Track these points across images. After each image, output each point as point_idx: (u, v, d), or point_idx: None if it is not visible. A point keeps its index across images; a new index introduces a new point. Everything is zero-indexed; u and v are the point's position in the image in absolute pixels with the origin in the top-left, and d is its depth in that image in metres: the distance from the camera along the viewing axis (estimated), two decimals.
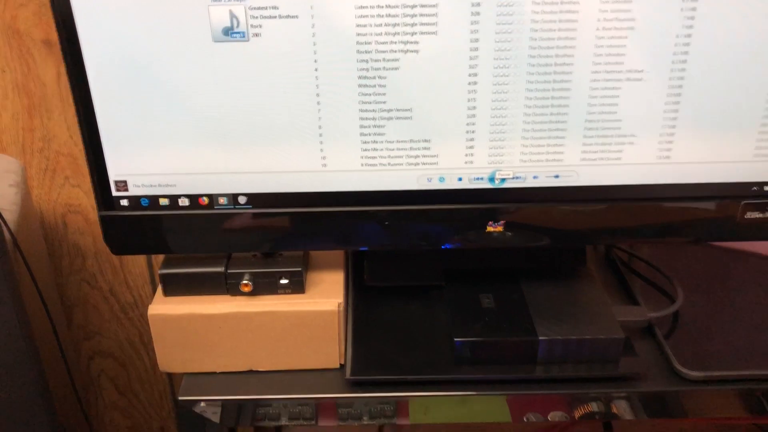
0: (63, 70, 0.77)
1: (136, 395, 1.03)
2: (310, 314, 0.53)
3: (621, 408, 0.55)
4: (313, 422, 0.55)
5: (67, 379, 0.97)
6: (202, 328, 0.53)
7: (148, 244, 0.53)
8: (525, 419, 0.56)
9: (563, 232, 0.54)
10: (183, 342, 0.54)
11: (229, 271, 0.53)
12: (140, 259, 0.92)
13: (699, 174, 0.52)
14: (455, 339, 0.53)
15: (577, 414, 0.56)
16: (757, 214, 0.53)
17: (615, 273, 0.67)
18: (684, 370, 0.54)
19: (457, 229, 0.54)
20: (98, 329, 0.97)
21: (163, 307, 0.53)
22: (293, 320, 0.54)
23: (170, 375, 1.01)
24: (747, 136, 0.51)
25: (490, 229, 0.54)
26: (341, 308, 0.54)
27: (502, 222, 0.53)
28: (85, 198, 0.87)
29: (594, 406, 0.55)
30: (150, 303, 0.95)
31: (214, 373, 0.56)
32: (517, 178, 0.52)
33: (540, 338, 0.53)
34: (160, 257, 0.92)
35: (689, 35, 0.47)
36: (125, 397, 1.03)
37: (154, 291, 0.95)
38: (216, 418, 0.55)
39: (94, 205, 0.87)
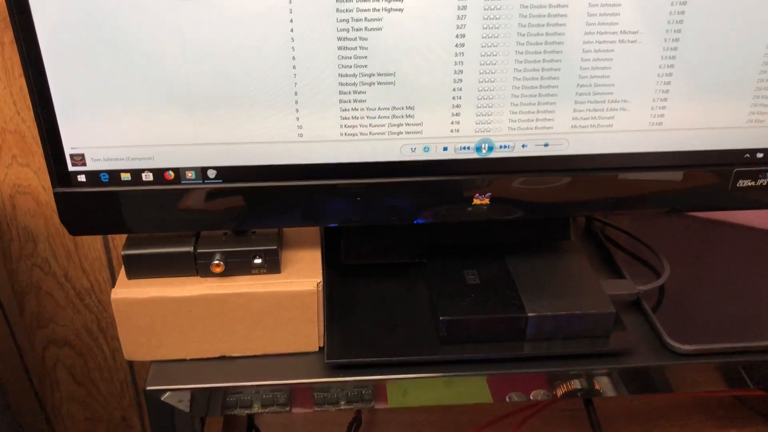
0: (7, 39, 0.72)
1: (95, 385, 0.98)
2: (287, 295, 0.50)
3: (604, 384, 0.54)
4: (288, 409, 0.52)
5: (21, 370, 0.92)
6: (171, 312, 0.50)
7: (109, 223, 0.49)
8: (507, 399, 0.54)
9: (553, 203, 0.51)
10: (150, 328, 0.50)
11: (198, 250, 0.50)
12: (96, 242, 0.87)
13: (691, 141, 0.50)
14: (441, 317, 0.51)
15: (560, 392, 0.54)
16: (749, 182, 0.52)
17: (597, 245, 0.66)
18: (675, 344, 0.52)
19: (443, 203, 0.51)
20: (53, 317, 0.92)
21: (127, 290, 0.49)
22: (269, 302, 0.50)
23: (131, 363, 0.96)
24: (741, 102, 0.49)
25: (476, 201, 0.51)
26: (320, 288, 0.51)
27: (488, 194, 0.51)
28: (35, 178, 0.82)
29: (577, 384, 0.54)
30: (108, 288, 0.90)
31: (184, 360, 0.52)
32: (505, 147, 0.49)
33: (529, 314, 0.51)
34: (120, 238, 0.88)
35: None
36: (83, 387, 0.98)
37: (112, 275, 0.90)
38: (185, 408, 0.52)
39: (46, 186, 0.82)
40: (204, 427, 0.61)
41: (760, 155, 0.51)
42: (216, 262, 0.49)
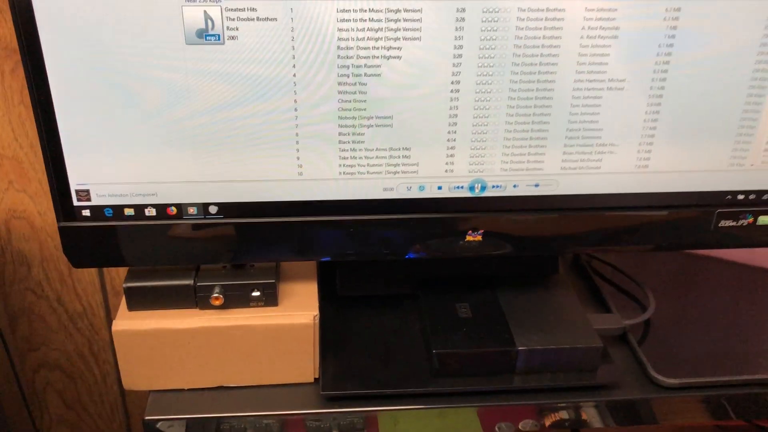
0: (7, 68, 0.73)
1: (85, 408, 0.99)
2: (284, 327, 0.51)
3: (591, 416, 0.55)
4: None
5: (15, 392, 0.92)
6: (170, 343, 0.51)
7: (112, 256, 0.50)
8: (496, 429, 0.56)
9: (542, 239, 0.53)
10: (149, 359, 0.51)
11: (198, 283, 0.51)
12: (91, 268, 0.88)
13: (676, 183, 0.52)
14: (434, 350, 0.52)
15: (548, 422, 0.56)
16: (730, 222, 0.54)
17: (584, 279, 0.67)
18: (660, 377, 0.54)
19: (436, 239, 0.53)
20: (44, 340, 0.92)
21: (128, 322, 0.50)
22: (267, 334, 0.51)
23: (122, 386, 0.97)
24: (722, 146, 0.51)
25: (469, 238, 0.53)
26: (317, 321, 0.52)
27: (480, 231, 0.52)
28: (30, 203, 0.83)
29: (564, 414, 0.55)
30: (101, 311, 0.91)
31: (182, 390, 0.53)
32: (497, 186, 0.51)
33: (519, 348, 0.53)
34: None
35: (671, 44, 0.47)
36: (73, 410, 0.98)
37: (105, 299, 0.91)
38: None
39: (41, 211, 0.83)
40: None
41: (740, 197, 0.53)
42: (215, 294, 0.50)
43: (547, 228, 0.53)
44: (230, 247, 0.51)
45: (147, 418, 0.52)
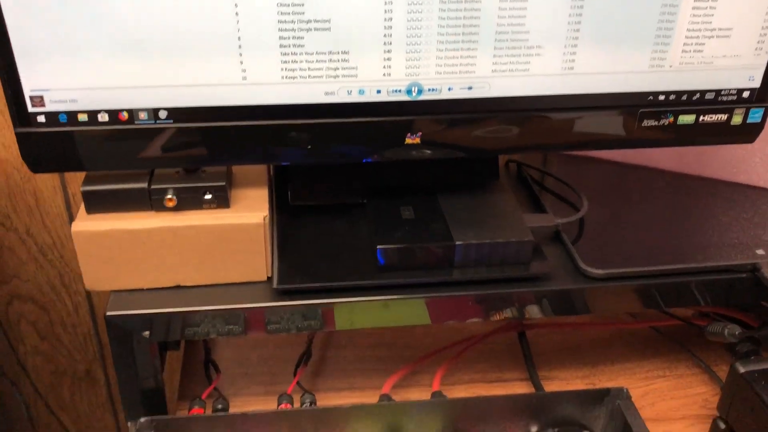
0: None
1: (59, 339, 1.02)
2: (235, 227, 0.55)
3: (529, 309, 0.59)
4: (241, 331, 0.57)
5: None
6: (127, 243, 0.54)
7: (68, 161, 0.53)
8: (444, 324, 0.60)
9: (477, 142, 0.57)
10: (108, 259, 0.54)
11: (152, 186, 0.54)
12: (57, 198, 0.90)
13: (600, 84, 0.56)
14: (377, 246, 0.56)
15: (491, 317, 0.60)
16: (653, 122, 0.57)
17: (526, 188, 0.71)
18: (588, 269, 0.58)
19: (377, 142, 0.56)
20: (15, 272, 0.95)
21: (86, 223, 0.53)
22: (219, 234, 0.55)
23: (94, 316, 1.00)
24: (642, 48, 0.54)
25: (408, 141, 0.56)
26: (266, 221, 0.55)
27: (419, 134, 0.55)
28: None
29: (504, 309, 0.59)
30: (70, 244, 0.93)
31: (141, 289, 0.57)
32: (433, 90, 0.54)
33: (456, 243, 0.56)
34: (78, 195, 0.91)
35: None
36: (47, 341, 1.01)
37: None
38: (145, 333, 0.56)
39: (5, 143, 0.85)
40: (164, 365, 0.66)
41: (661, 97, 0.57)
42: (169, 197, 0.53)
43: (481, 130, 0.56)
44: (181, 151, 0.53)
45: (109, 314, 0.55)
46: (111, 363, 1.04)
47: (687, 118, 0.58)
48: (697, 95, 0.57)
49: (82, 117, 0.51)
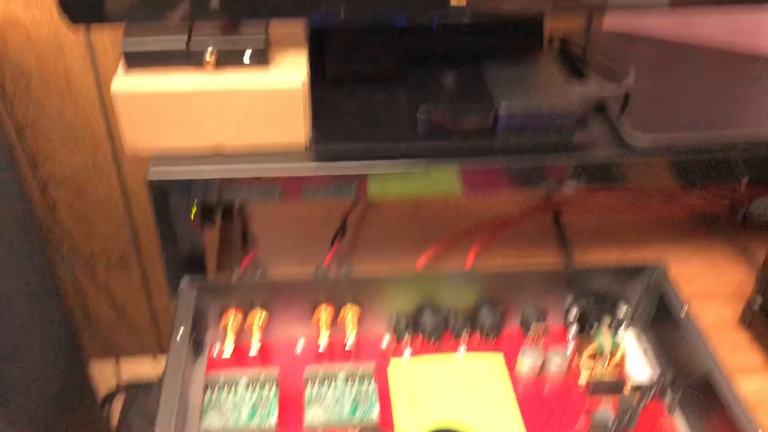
0: None
1: (92, 224, 1.03)
2: (275, 91, 0.54)
3: (571, 183, 0.59)
4: (279, 199, 0.57)
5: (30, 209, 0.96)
6: (167, 105, 0.53)
7: (107, 11, 0.51)
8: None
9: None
10: (148, 120, 0.54)
11: (192, 40, 0.53)
12: (89, 81, 0.90)
13: None
14: (418, 110, 0.55)
15: (532, 190, 0.59)
16: None
17: (569, 63, 0.69)
18: (633, 139, 0.57)
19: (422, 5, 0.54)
20: (49, 156, 0.96)
21: (126, 84, 0.53)
22: (259, 97, 0.54)
23: (127, 200, 1.01)
24: None
25: (454, 2, 0.54)
26: (306, 86, 0.54)
27: None
28: (22, 12, 0.83)
29: (547, 184, 0.58)
30: (102, 127, 0.94)
31: (181, 154, 0.56)
32: None
33: (499, 109, 0.55)
34: (109, 76, 0.90)
35: None
36: (81, 225, 1.03)
37: (105, 115, 0.93)
38: (183, 196, 0.56)
39: (34, 17, 0.83)
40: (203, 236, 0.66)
41: None
42: (209, 53, 0.52)
43: None
44: (218, 3, 0.52)
45: (150, 176, 0.55)
46: (144, 248, 1.06)
47: None
48: None
49: None
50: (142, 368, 1.15)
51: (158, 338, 1.18)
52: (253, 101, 0.54)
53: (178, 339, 0.53)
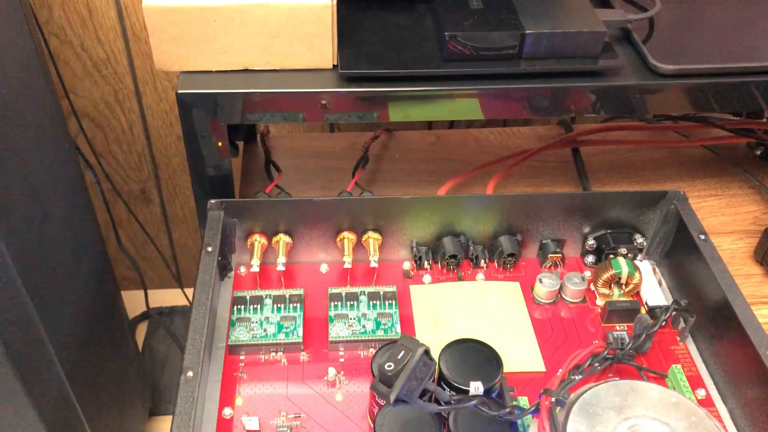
0: None
1: (114, 157, 1.05)
2: (305, 8, 0.54)
3: (596, 109, 0.59)
4: (301, 120, 0.58)
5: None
6: (197, 21, 0.54)
7: None
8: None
9: None
10: (178, 37, 0.55)
11: None
12: (110, 12, 0.90)
13: None
14: (444, 32, 0.55)
15: (559, 115, 0.59)
16: None
17: None
18: (658, 65, 0.57)
19: None
20: (71, 87, 0.96)
21: None
22: (287, 14, 0.54)
23: (148, 134, 1.02)
24: None
25: None
26: (334, 3, 0.55)
27: None
28: None
29: (573, 110, 0.58)
30: (124, 59, 0.94)
31: (210, 72, 0.57)
32: None
33: (526, 31, 0.55)
34: (131, 7, 0.90)
35: None
36: (103, 158, 1.04)
37: (127, 46, 0.94)
38: (211, 112, 0.57)
39: None
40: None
41: None
42: None
43: None
44: None
45: (179, 92, 0.56)
46: (165, 182, 1.07)
47: None
48: None
49: None
50: (164, 298, 1.18)
51: (178, 271, 1.20)
52: (282, 17, 0.54)
53: (206, 257, 0.54)
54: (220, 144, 0.59)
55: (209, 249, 0.55)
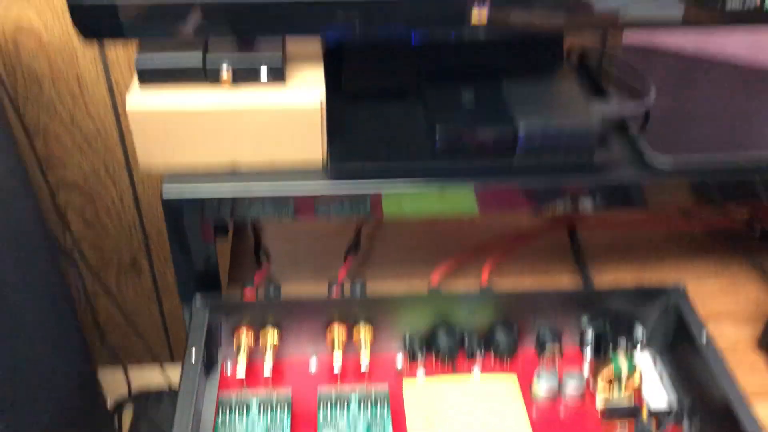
0: None
1: (104, 228, 1.03)
2: (292, 109, 0.53)
3: (592, 203, 0.58)
4: (291, 217, 0.57)
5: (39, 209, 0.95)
6: (183, 123, 0.53)
7: (121, 27, 0.50)
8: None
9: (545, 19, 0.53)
10: (163, 137, 0.53)
11: (208, 57, 0.52)
12: (101, 86, 0.89)
13: None
14: (437, 125, 0.54)
15: (553, 209, 0.58)
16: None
17: (590, 75, 0.68)
18: (656, 160, 0.56)
19: (440, 18, 0.52)
20: (61, 161, 0.95)
21: (141, 100, 0.52)
22: (275, 115, 0.53)
23: (138, 205, 1.01)
24: None
25: (474, 20, 0.53)
26: (324, 104, 0.53)
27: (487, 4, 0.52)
28: (36, 18, 0.83)
29: (568, 204, 0.57)
30: (114, 132, 0.93)
31: (196, 172, 0.56)
32: None
33: (520, 126, 0.54)
34: (121, 83, 0.89)
35: None
36: (93, 229, 1.03)
37: (117, 120, 0.93)
38: (197, 214, 0.56)
39: (47, 25, 0.83)
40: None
41: None
42: (224, 70, 0.52)
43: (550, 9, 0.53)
44: (235, 18, 0.51)
45: (165, 198, 0.54)
46: (156, 252, 1.06)
47: None
48: None
49: None
50: (152, 376, 1.15)
51: (168, 345, 1.18)
52: (269, 119, 0.53)
53: (192, 360, 0.52)
54: (206, 240, 0.58)
55: (194, 351, 0.54)
